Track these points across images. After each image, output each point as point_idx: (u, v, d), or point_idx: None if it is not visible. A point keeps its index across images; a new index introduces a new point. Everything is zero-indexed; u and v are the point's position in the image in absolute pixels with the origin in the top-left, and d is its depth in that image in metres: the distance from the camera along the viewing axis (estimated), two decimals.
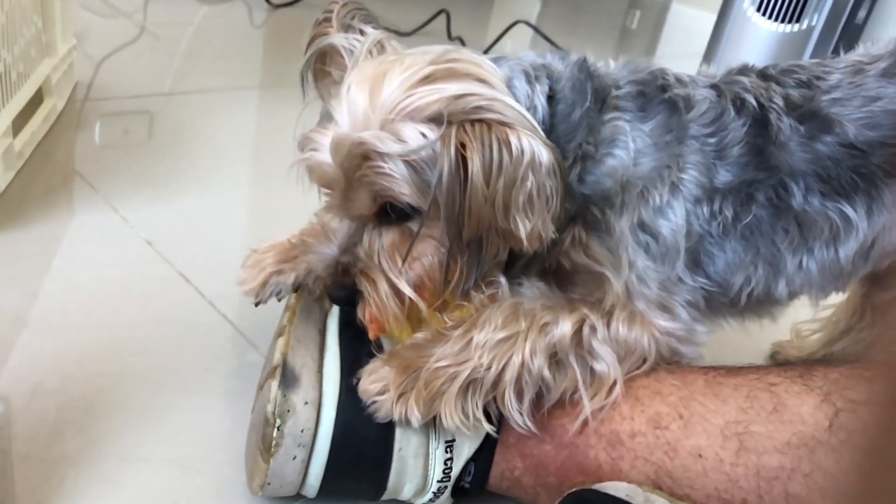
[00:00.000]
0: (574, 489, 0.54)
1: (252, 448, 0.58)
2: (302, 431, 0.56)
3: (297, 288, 0.66)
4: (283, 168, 0.59)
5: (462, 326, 0.57)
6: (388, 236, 0.57)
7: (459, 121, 0.51)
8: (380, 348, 0.60)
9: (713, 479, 0.53)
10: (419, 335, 0.58)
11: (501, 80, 0.56)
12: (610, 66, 0.63)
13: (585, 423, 0.57)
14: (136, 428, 0.63)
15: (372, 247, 0.57)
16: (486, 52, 0.66)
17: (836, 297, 0.80)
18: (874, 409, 0.52)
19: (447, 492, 0.59)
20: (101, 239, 0.86)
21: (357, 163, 0.53)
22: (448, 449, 0.58)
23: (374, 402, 0.56)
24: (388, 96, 0.53)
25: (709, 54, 1.59)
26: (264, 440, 0.56)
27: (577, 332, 0.57)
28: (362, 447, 0.57)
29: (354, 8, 0.62)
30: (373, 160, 0.53)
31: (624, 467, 0.56)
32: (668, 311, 0.59)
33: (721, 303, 0.64)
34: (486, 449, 0.59)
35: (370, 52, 0.59)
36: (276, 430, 0.55)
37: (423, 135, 0.52)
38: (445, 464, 0.58)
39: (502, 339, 0.56)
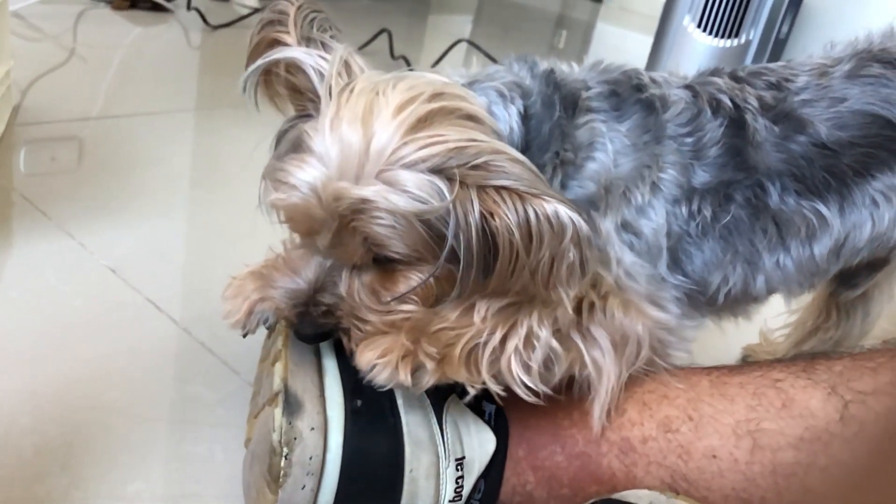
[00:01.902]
0: (594, 499, 0.53)
1: (256, 480, 0.55)
2: (310, 459, 0.53)
3: None
4: (237, 189, 0.56)
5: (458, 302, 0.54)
6: (368, 275, 0.55)
7: (477, 184, 0.48)
8: None
9: (730, 479, 0.54)
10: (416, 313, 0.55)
11: (485, 110, 0.54)
12: (574, 69, 0.63)
13: (597, 428, 0.57)
14: (123, 464, 0.59)
15: (352, 286, 0.55)
16: (433, 66, 0.64)
17: (805, 298, 0.83)
18: (883, 398, 0.53)
19: None
20: (61, 267, 0.81)
21: (355, 215, 0.50)
22: (458, 466, 0.57)
23: (374, 367, 0.51)
24: (384, 142, 0.49)
25: (649, 68, 1.64)
26: (271, 471, 0.53)
27: (577, 309, 0.56)
28: (373, 471, 0.55)
29: (311, 10, 0.57)
30: (374, 213, 0.50)
31: (638, 474, 0.56)
32: (658, 304, 0.60)
33: (699, 301, 0.65)
34: (497, 465, 0.58)
35: (339, 75, 0.55)
36: (283, 459, 0.53)
37: (430, 185, 0.49)
38: (457, 482, 0.57)
39: (506, 306, 0.54)
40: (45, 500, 0.55)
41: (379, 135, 0.50)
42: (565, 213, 0.48)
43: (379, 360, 0.51)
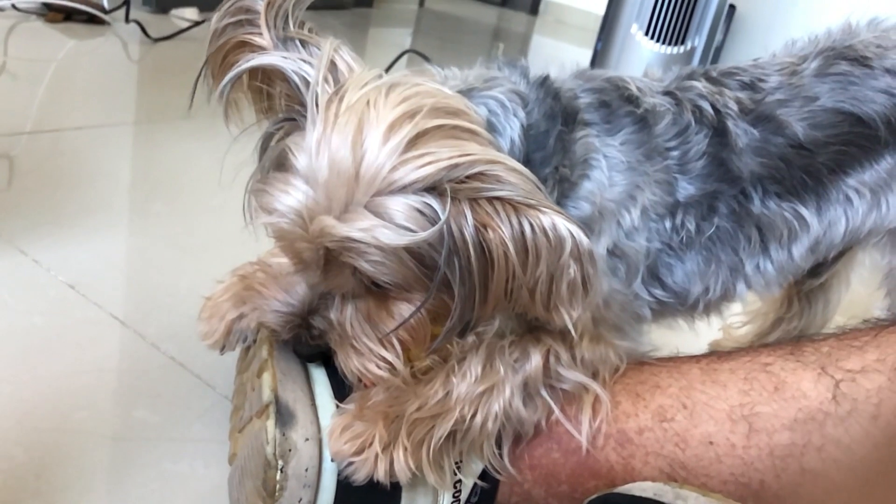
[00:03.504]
0: (598, 494, 0.53)
1: (249, 495, 0.53)
2: (306, 471, 0.52)
3: None
4: (185, 201, 0.53)
5: (439, 375, 0.54)
6: (363, 303, 0.52)
7: (469, 197, 0.45)
8: None
9: (727, 464, 0.54)
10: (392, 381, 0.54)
11: (483, 120, 0.52)
12: (561, 76, 0.61)
13: (585, 445, 0.56)
14: (99, 488, 0.56)
15: (344, 314, 0.53)
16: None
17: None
18: (872, 375, 0.54)
19: None
20: (14, 285, 0.76)
21: (342, 250, 0.48)
22: (455, 471, 0.56)
23: (351, 464, 0.51)
24: (376, 167, 0.46)
25: None
26: (266, 485, 0.51)
27: (546, 363, 0.55)
28: (370, 479, 0.53)
29: (283, 1, 0.51)
30: (362, 250, 0.47)
31: (637, 465, 0.56)
32: (620, 331, 0.60)
33: (676, 311, 0.65)
34: None
35: (325, 80, 0.50)
36: (279, 472, 0.51)
37: (421, 211, 0.46)
38: (455, 486, 0.56)
39: (483, 392, 0.53)
40: None
41: (369, 157, 0.46)
42: (563, 225, 0.45)
43: (356, 458, 0.51)
